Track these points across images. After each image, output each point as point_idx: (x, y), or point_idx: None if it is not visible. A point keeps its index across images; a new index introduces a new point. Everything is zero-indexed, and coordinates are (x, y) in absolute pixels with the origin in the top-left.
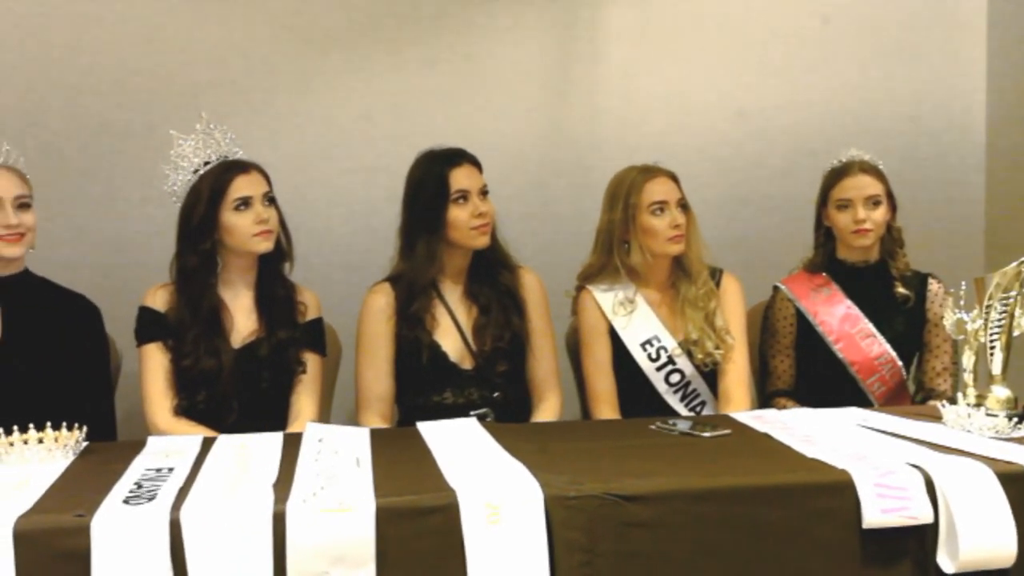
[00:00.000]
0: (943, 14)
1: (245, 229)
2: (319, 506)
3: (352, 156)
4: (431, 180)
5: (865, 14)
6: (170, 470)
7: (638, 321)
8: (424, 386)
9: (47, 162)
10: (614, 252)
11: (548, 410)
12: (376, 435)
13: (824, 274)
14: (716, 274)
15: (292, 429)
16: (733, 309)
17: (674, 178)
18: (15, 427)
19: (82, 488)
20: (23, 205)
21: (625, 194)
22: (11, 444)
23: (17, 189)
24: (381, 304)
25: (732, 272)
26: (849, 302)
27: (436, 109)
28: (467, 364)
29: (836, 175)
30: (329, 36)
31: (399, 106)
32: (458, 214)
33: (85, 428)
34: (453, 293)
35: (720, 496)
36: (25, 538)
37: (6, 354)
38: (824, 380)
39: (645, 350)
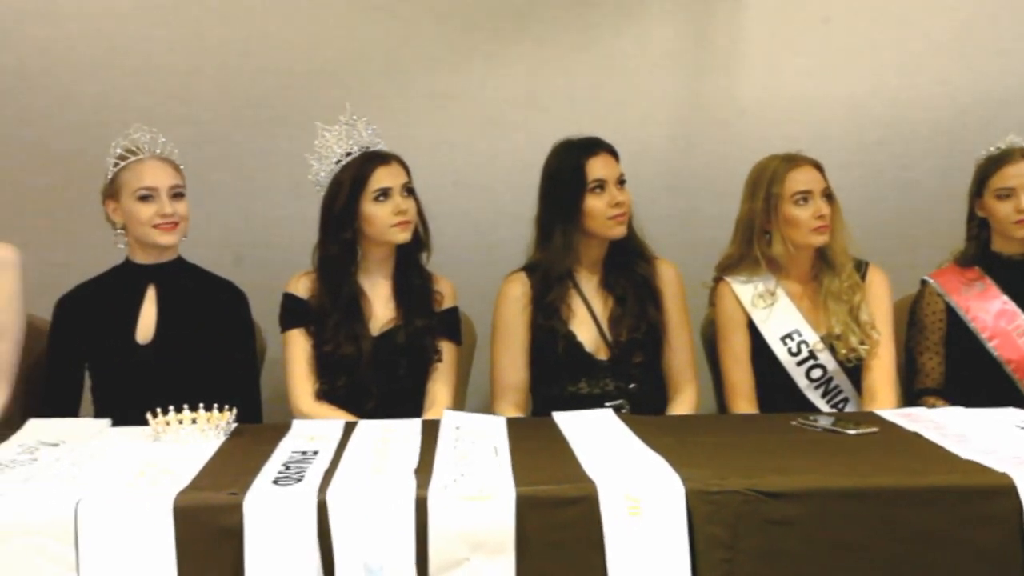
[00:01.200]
0: None
1: (384, 220)
2: (459, 493)
3: (490, 147)
4: (568, 169)
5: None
6: (315, 453)
7: (778, 314)
8: (559, 376)
9: (197, 153)
10: (754, 243)
11: (684, 403)
12: (512, 424)
13: (977, 267)
14: (861, 267)
15: (428, 416)
16: (879, 303)
17: (818, 167)
18: (171, 407)
19: (234, 468)
20: (177, 195)
21: (767, 183)
22: (167, 424)
23: (172, 179)
24: (517, 293)
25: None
26: (1005, 297)
27: (573, 99)
28: (602, 355)
29: (995, 162)
30: (469, 27)
31: (536, 97)
32: (595, 203)
33: (235, 410)
34: (589, 283)
35: (868, 496)
36: (184, 513)
37: (161, 337)
38: (977, 379)
39: (785, 344)
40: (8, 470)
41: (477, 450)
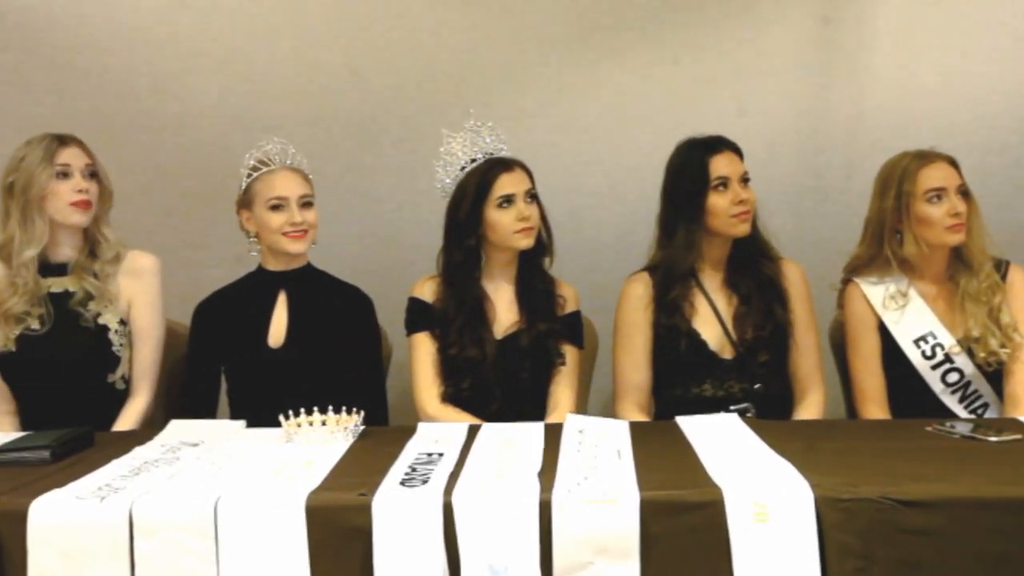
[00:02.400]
0: None
1: (508, 226)
2: (583, 496)
3: (613, 150)
4: (691, 167)
5: None
6: (440, 455)
7: (911, 316)
8: (682, 376)
9: (323, 162)
10: (885, 243)
11: (812, 407)
12: (636, 428)
13: None
14: (1001, 266)
15: (551, 419)
16: (1021, 304)
17: (953, 163)
18: (301, 410)
19: (362, 469)
20: (306, 204)
21: (898, 181)
22: (298, 426)
23: (301, 189)
24: (639, 292)
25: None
26: None
27: (696, 100)
28: (727, 354)
29: None
30: (587, 30)
31: (658, 98)
32: (718, 201)
33: (363, 412)
34: (713, 282)
35: (1012, 506)
36: (316, 513)
37: (291, 341)
38: None
39: (919, 347)
40: (154, 468)
41: (600, 454)
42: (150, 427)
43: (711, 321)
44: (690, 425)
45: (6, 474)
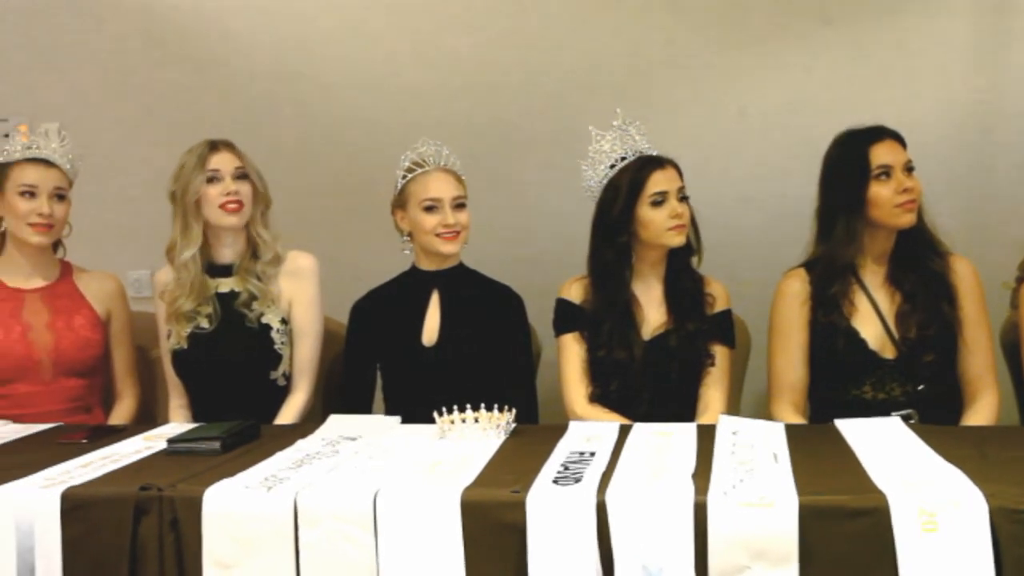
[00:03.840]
0: None
1: (660, 224)
2: (739, 499)
3: (769, 147)
4: (850, 157)
5: None
6: (592, 454)
7: None
8: (840, 377)
9: (474, 163)
10: None
11: (983, 411)
12: (792, 430)
13: None
14: None
15: (702, 421)
16: None
17: None
18: (454, 407)
19: (515, 466)
20: (459, 205)
21: None
22: (452, 422)
23: (455, 190)
24: (795, 288)
25: None
26: None
27: (861, 96)
28: (888, 353)
29: None
30: (743, 27)
31: (819, 95)
32: (880, 191)
33: (515, 410)
34: (874, 278)
35: None
36: (471, 508)
37: (444, 339)
38: None
39: None
40: (315, 461)
41: (756, 456)
42: (309, 421)
43: (871, 319)
44: (850, 428)
45: (181, 463)
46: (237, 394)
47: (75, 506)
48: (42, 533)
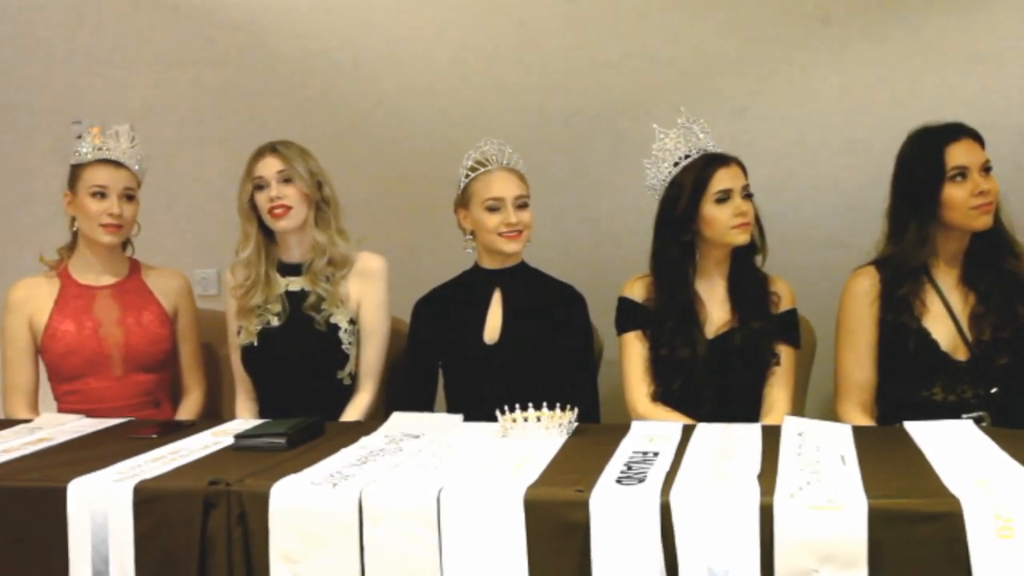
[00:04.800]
0: None
1: (724, 222)
2: (806, 502)
3: (827, 143)
4: (925, 157)
5: None
6: (655, 454)
7: None
8: (910, 378)
9: (536, 162)
10: None
11: None
12: (859, 432)
13: None
14: None
15: (766, 421)
16: None
17: None
18: (516, 405)
19: (578, 465)
20: (522, 204)
21: None
22: (514, 421)
23: (517, 190)
24: (864, 287)
25: None
26: None
27: (936, 92)
28: (960, 355)
29: None
30: (812, 18)
31: (893, 90)
32: (955, 193)
33: (576, 409)
34: (947, 279)
35: None
36: (534, 507)
37: (506, 338)
38: None
39: None
40: (379, 458)
41: (823, 458)
42: (374, 419)
43: (944, 320)
44: (920, 431)
45: (248, 458)
46: (303, 392)
47: (146, 499)
48: (115, 525)
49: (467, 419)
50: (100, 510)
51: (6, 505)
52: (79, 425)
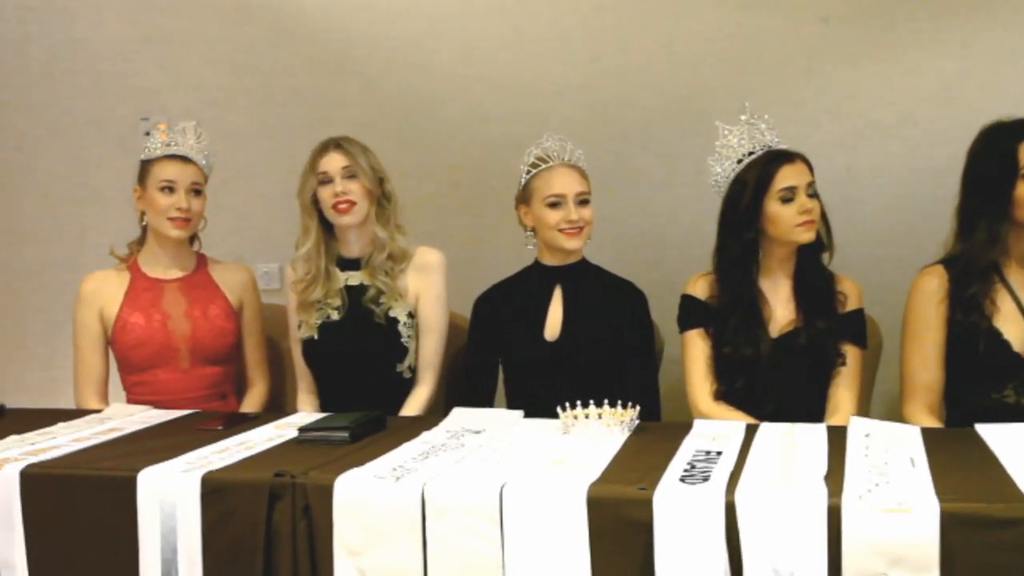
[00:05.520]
0: None
1: (789, 219)
2: (875, 504)
3: (895, 140)
4: (997, 154)
5: None
6: (719, 453)
7: None
8: (980, 380)
9: (598, 158)
10: None
11: None
12: (929, 434)
13: None
14: None
15: (831, 422)
16: None
17: None
18: (578, 402)
19: (640, 463)
20: (583, 201)
21: None
22: (575, 418)
23: (578, 186)
24: (933, 286)
25: None
26: None
27: (1009, 81)
28: None
29: None
30: (873, 18)
31: (970, 87)
32: None
33: (638, 407)
34: (1019, 278)
35: None
36: (596, 504)
37: (567, 334)
38: None
39: None
40: (441, 452)
41: (891, 460)
42: (433, 414)
43: (1016, 320)
44: (993, 434)
45: (312, 451)
46: (363, 385)
47: (213, 490)
48: (183, 515)
49: (528, 415)
50: (169, 500)
51: (78, 493)
52: (147, 416)
